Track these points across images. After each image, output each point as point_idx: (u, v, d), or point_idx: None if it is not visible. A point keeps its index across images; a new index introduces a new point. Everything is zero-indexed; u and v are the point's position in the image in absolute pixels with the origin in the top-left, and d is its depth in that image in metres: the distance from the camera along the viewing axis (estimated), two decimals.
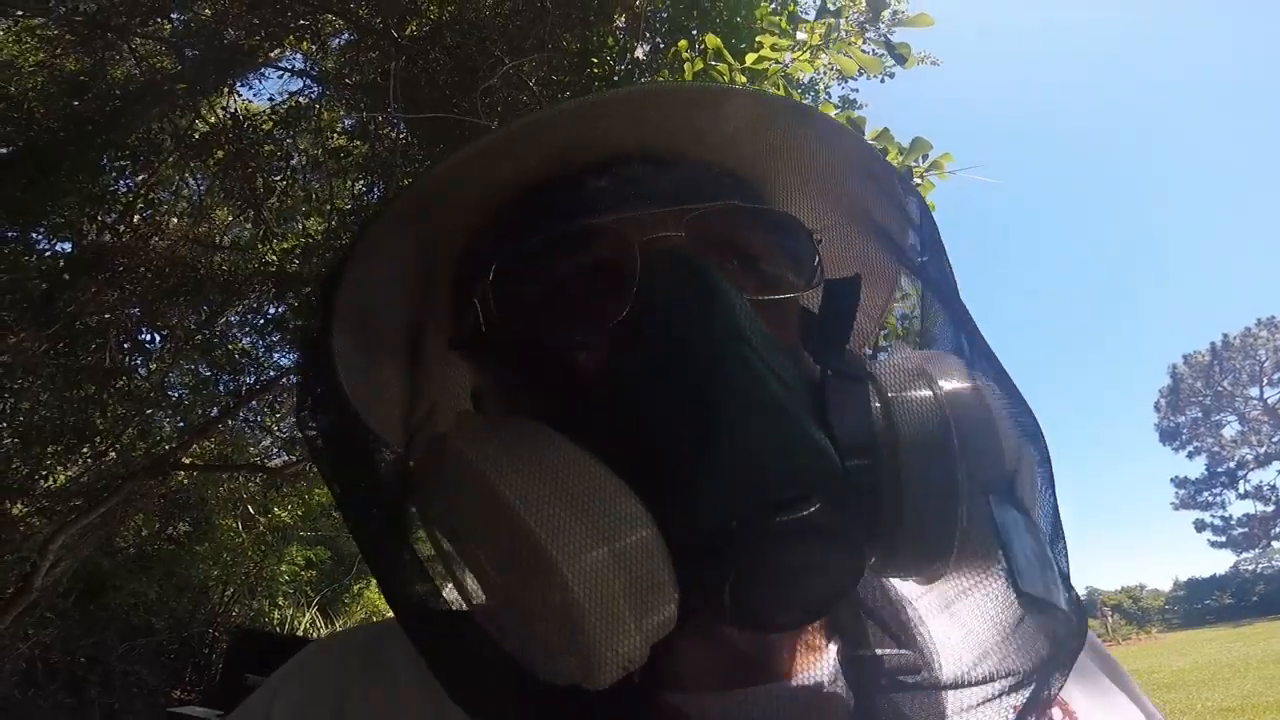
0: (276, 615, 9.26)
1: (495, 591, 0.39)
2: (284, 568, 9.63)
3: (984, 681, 0.40)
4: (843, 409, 0.42)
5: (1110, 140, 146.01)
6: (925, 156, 2.80)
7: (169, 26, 5.58)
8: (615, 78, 4.27)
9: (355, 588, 10.91)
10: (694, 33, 3.36)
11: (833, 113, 3.15)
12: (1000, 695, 0.40)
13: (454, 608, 0.43)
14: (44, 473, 7.05)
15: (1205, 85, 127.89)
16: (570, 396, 0.44)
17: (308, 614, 9.10)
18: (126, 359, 6.97)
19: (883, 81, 8.38)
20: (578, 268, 0.47)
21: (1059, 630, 0.41)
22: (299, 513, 9.64)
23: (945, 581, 0.44)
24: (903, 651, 0.43)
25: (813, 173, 0.55)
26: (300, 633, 8.60)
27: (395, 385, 0.54)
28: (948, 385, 0.44)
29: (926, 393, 0.43)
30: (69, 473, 7.61)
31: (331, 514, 10.41)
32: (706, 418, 0.38)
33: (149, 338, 7.27)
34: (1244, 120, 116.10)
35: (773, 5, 3.27)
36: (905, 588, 0.47)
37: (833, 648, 0.46)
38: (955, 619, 0.44)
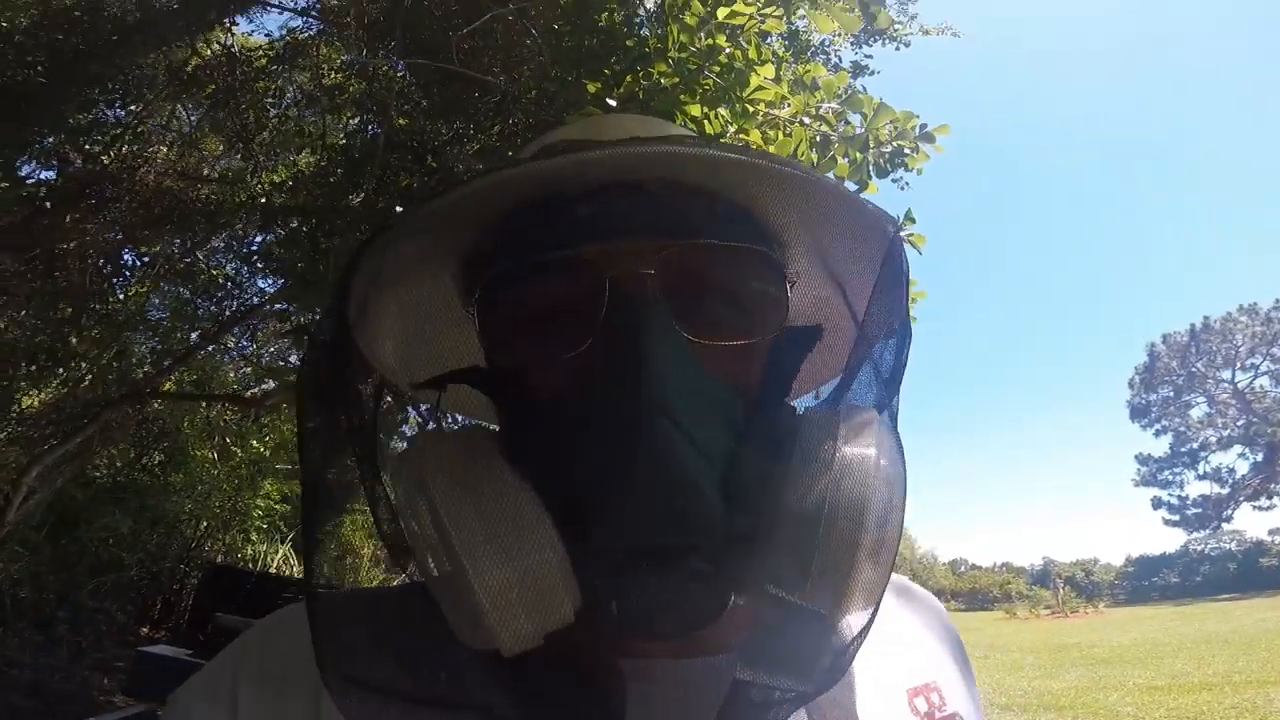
0: (250, 551, 9.17)
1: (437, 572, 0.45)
2: (258, 502, 9.56)
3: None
4: (748, 468, 0.47)
5: (1108, 126, 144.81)
6: (923, 126, 2.73)
7: None
8: (615, 27, 4.15)
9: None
10: None
11: (846, 80, 3.02)
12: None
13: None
14: (18, 395, 6.92)
15: (1199, 76, 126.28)
16: (529, 421, 0.50)
17: (281, 550, 9.06)
18: (106, 282, 6.86)
19: (898, 49, 8.17)
20: (554, 296, 0.50)
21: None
22: (274, 443, 9.57)
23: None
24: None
25: (805, 220, 0.56)
26: (273, 569, 8.56)
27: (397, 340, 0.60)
28: (849, 450, 0.48)
29: (826, 453, 0.48)
30: (43, 396, 7.48)
31: None
32: (618, 467, 0.44)
33: (129, 260, 7.15)
34: (1237, 115, 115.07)
35: None
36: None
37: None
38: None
